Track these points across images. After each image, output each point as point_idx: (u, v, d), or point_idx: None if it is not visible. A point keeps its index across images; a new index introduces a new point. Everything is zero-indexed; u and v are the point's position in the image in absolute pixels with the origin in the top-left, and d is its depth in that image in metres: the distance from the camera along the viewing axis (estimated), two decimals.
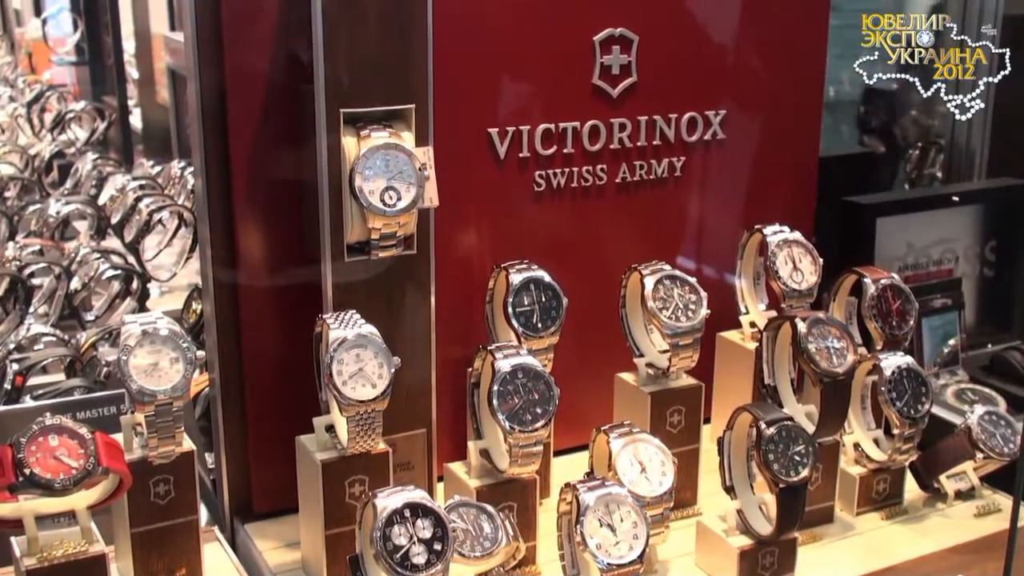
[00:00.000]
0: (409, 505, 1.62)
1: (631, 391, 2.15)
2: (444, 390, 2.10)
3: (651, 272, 2.11)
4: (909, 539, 2.13)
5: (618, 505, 1.80)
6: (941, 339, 2.79)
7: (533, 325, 2.03)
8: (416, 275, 1.98)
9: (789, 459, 1.90)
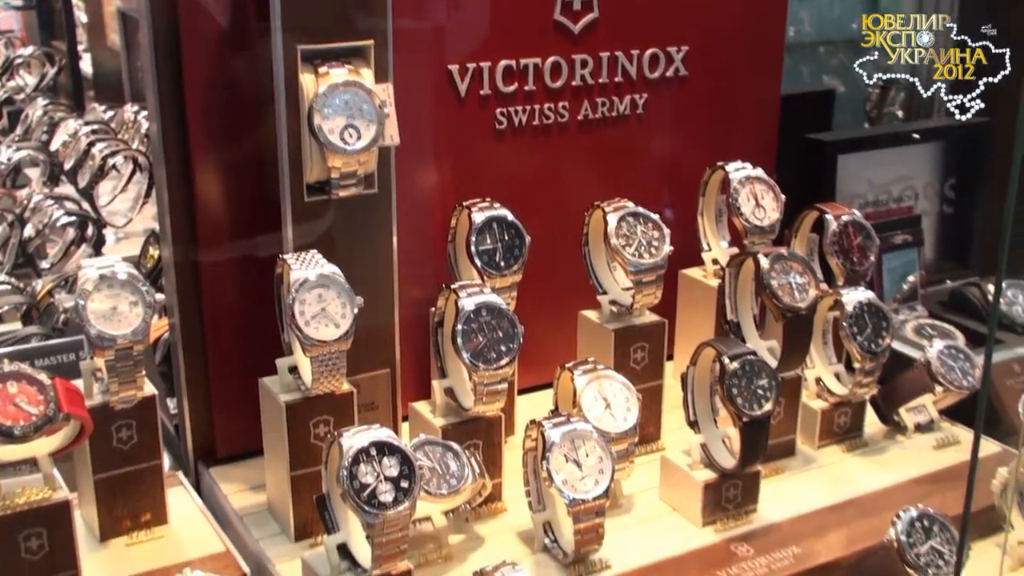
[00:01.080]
0: (375, 444, 1.62)
1: (595, 328, 2.16)
2: (408, 330, 2.10)
3: (614, 209, 2.12)
4: (870, 471, 2.17)
5: (583, 441, 1.81)
6: (901, 275, 2.82)
7: (496, 264, 2.03)
8: (377, 214, 1.97)
9: (752, 393, 1.92)
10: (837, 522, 1.99)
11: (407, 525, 1.63)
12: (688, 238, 2.35)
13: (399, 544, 1.64)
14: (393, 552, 1.64)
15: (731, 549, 1.91)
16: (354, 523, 1.68)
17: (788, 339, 2.08)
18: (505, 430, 2.00)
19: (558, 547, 1.85)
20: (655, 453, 2.14)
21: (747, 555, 1.89)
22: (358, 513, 1.60)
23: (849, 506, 2.05)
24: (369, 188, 1.91)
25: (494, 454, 1.97)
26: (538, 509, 1.88)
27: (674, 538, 1.94)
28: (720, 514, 1.97)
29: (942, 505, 1.87)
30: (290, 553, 1.87)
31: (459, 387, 1.96)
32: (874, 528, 1.92)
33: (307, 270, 1.80)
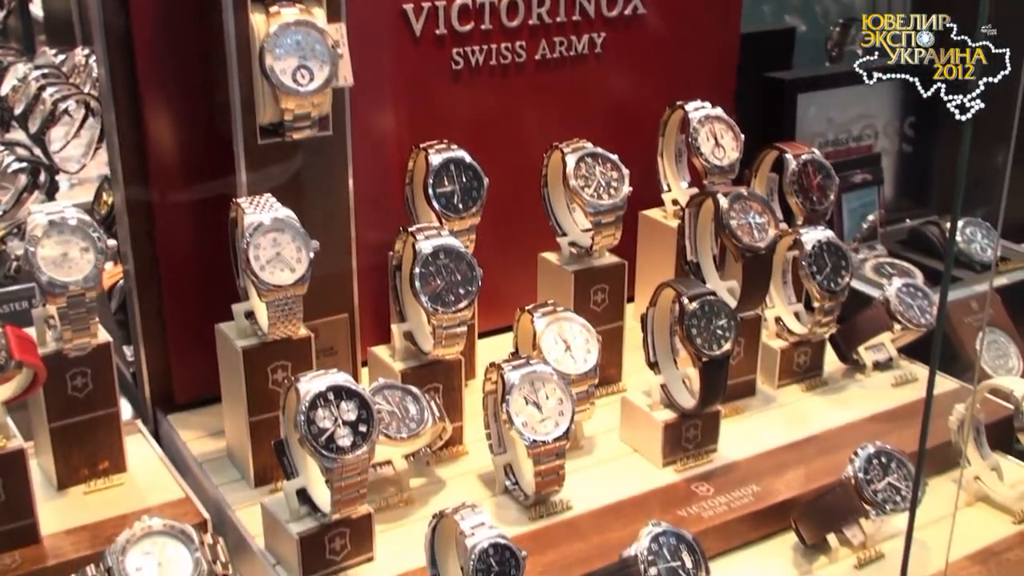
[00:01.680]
0: (332, 388, 1.61)
1: (554, 270, 2.15)
2: (365, 274, 2.09)
3: (572, 150, 2.11)
4: (829, 410, 2.18)
5: (543, 383, 1.81)
6: (860, 215, 2.83)
7: (454, 206, 2.02)
8: (333, 157, 1.95)
9: (712, 333, 1.92)
10: (796, 460, 2.01)
11: (366, 469, 1.63)
12: (648, 179, 2.34)
13: (358, 488, 1.64)
14: (352, 496, 1.64)
15: (691, 488, 1.92)
16: (313, 468, 1.68)
17: (747, 279, 2.08)
18: (465, 373, 2.00)
19: (519, 489, 1.86)
20: (616, 395, 2.15)
21: (707, 494, 1.91)
22: (316, 458, 1.59)
23: (808, 444, 2.06)
24: (323, 130, 1.89)
25: (454, 397, 1.98)
26: (499, 452, 1.88)
27: (635, 479, 1.95)
28: (680, 454, 1.98)
29: (900, 442, 1.89)
30: (250, 499, 1.87)
31: (418, 331, 1.95)
32: (833, 465, 1.93)
33: (261, 214, 1.78)
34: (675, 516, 1.84)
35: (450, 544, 1.58)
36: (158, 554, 1.56)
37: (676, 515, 1.85)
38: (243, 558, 1.79)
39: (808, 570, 1.82)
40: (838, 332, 2.28)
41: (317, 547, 1.67)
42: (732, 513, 1.87)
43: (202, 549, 1.57)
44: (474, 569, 1.49)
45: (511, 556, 1.52)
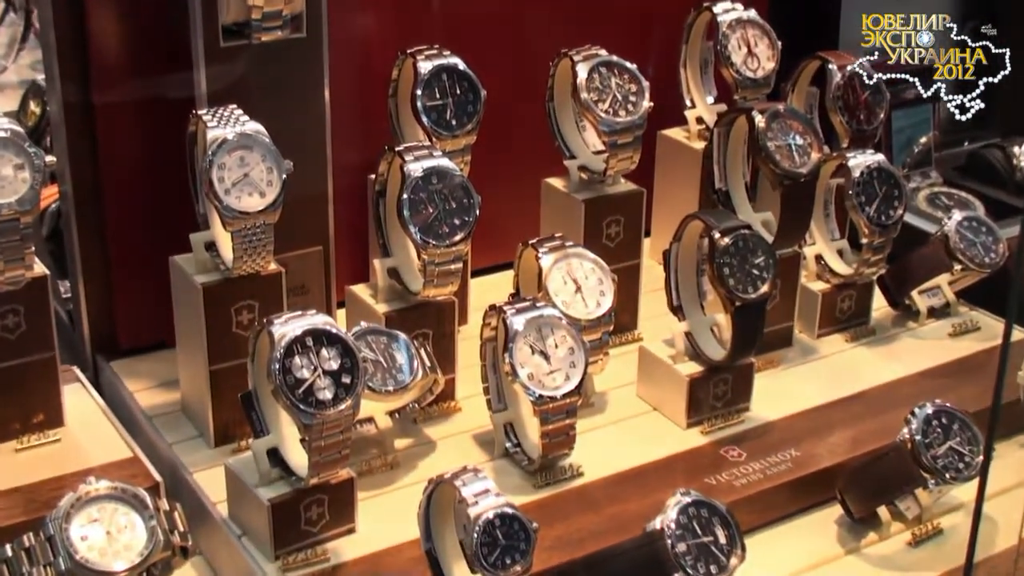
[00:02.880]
0: (312, 332, 1.61)
1: (561, 199, 2.15)
2: (343, 200, 2.08)
3: (584, 58, 2.09)
4: (877, 363, 2.20)
5: (552, 329, 1.82)
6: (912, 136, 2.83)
7: (446, 122, 2.01)
8: (306, 63, 1.94)
9: (746, 273, 1.93)
10: (841, 421, 2.02)
11: (350, 427, 1.63)
12: (669, 93, 2.33)
13: (340, 448, 1.64)
14: (333, 458, 1.65)
15: (721, 453, 1.94)
16: (287, 425, 1.68)
17: (786, 210, 2.09)
18: (458, 318, 2.01)
19: (522, 452, 1.87)
20: (632, 344, 2.16)
21: (739, 459, 1.92)
22: (292, 412, 1.59)
23: (855, 402, 2.08)
24: (296, 32, 1.88)
25: (446, 345, 1.98)
26: (498, 408, 1.89)
27: (655, 441, 1.96)
28: (707, 413, 1.99)
29: (959, 401, 1.90)
30: (210, 459, 1.87)
31: (405, 267, 1.95)
32: (884, 427, 1.95)
33: (226, 128, 1.77)
34: (702, 484, 1.86)
35: (447, 514, 1.58)
36: (106, 521, 1.56)
37: (703, 483, 1.86)
38: (202, 528, 1.79)
39: (855, 547, 1.84)
40: (888, 273, 2.29)
41: (291, 516, 1.68)
42: (768, 482, 1.88)
43: (157, 516, 1.58)
44: (478, 543, 1.50)
45: (520, 528, 1.53)
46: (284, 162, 1.79)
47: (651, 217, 2.39)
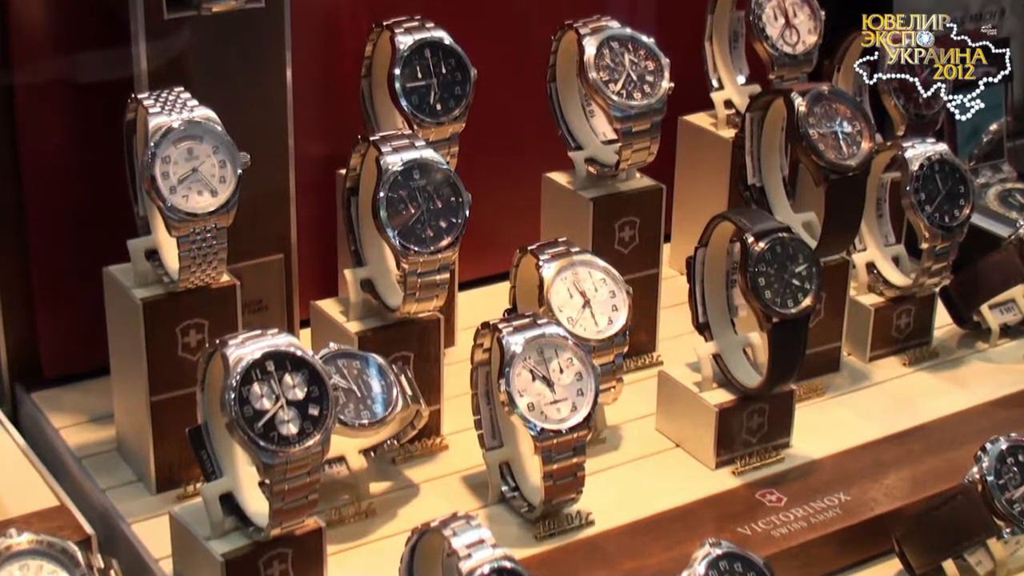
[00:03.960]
0: (273, 355, 1.61)
1: (566, 197, 2.16)
2: (307, 200, 2.09)
3: (592, 31, 2.10)
4: (940, 390, 2.21)
5: (556, 351, 1.82)
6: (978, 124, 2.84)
7: (430, 106, 2.02)
8: (265, 38, 1.95)
9: (785, 284, 1.93)
10: (898, 459, 2.03)
11: (318, 467, 1.64)
12: (692, 71, 2.35)
13: (306, 493, 1.64)
14: (299, 504, 1.65)
15: (757, 498, 1.95)
16: (244, 465, 1.68)
17: (832, 210, 2.09)
18: (444, 338, 2.01)
19: (521, 497, 1.87)
20: (650, 368, 2.17)
21: (778, 505, 1.93)
22: (251, 450, 1.60)
23: (914, 437, 2.09)
24: (253, 1, 1.89)
25: (431, 370, 1.98)
26: (493, 445, 1.89)
27: (678, 484, 1.97)
28: (740, 450, 2.00)
29: None
30: (151, 507, 1.88)
31: (381, 279, 1.96)
32: (949, 466, 1.96)
33: (171, 114, 1.77)
34: (735, 534, 1.86)
35: (434, 569, 1.59)
36: None
37: (736, 533, 1.87)
38: None
39: None
40: (953, 284, 2.30)
41: (248, 574, 1.68)
42: (813, 531, 1.89)
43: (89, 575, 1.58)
44: None
45: None
46: (239, 155, 1.79)
47: (671, 218, 2.41)
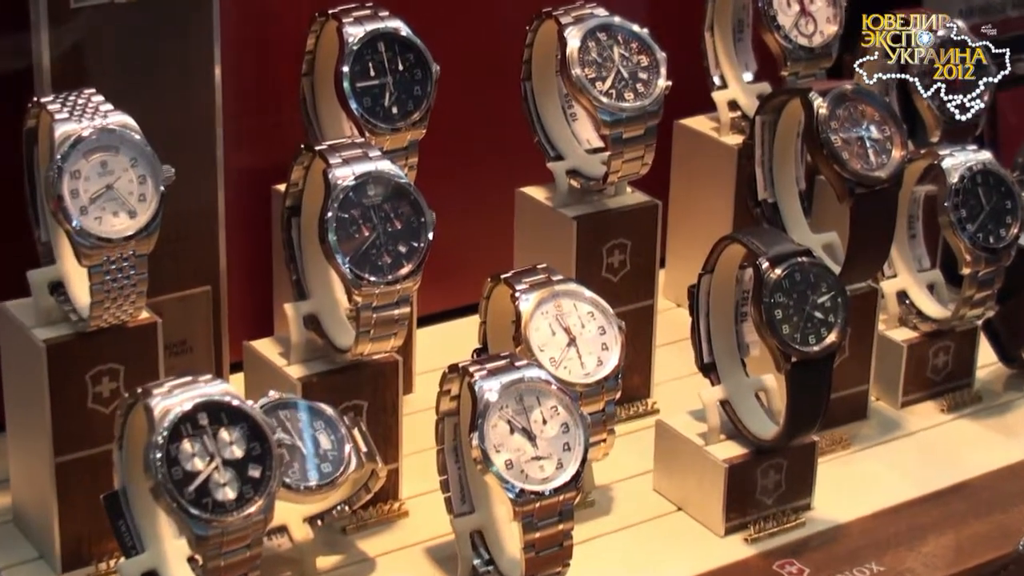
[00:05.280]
0: (207, 407, 1.61)
1: (544, 216, 2.17)
2: (239, 220, 2.10)
3: (575, 20, 2.11)
4: (985, 441, 2.23)
5: (537, 398, 1.82)
6: None
7: (385, 110, 2.02)
8: (190, 30, 1.96)
9: (806, 318, 1.94)
10: (939, 522, 2.05)
11: (260, 539, 1.64)
12: (690, 68, 2.36)
13: (246, 570, 1.64)
14: None
15: (774, 569, 1.96)
16: (170, 537, 1.68)
17: (859, 230, 2.11)
18: (403, 384, 2.02)
19: (496, 571, 1.87)
20: (646, 417, 2.19)
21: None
22: (180, 520, 1.59)
23: (956, 497, 2.10)
24: None
25: (388, 423, 1.99)
26: (462, 511, 1.89)
27: (681, 553, 1.98)
28: (754, 513, 2.01)
29: None
30: None
31: (329, 314, 1.96)
32: (998, 530, 1.98)
33: (81, 121, 1.77)
34: None
35: None
36: None
37: None
38: None
39: None
40: (998, 317, 2.32)
41: None
42: None
43: None
44: None
45: None
46: (162, 168, 1.80)
47: (668, 240, 2.42)
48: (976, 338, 2.32)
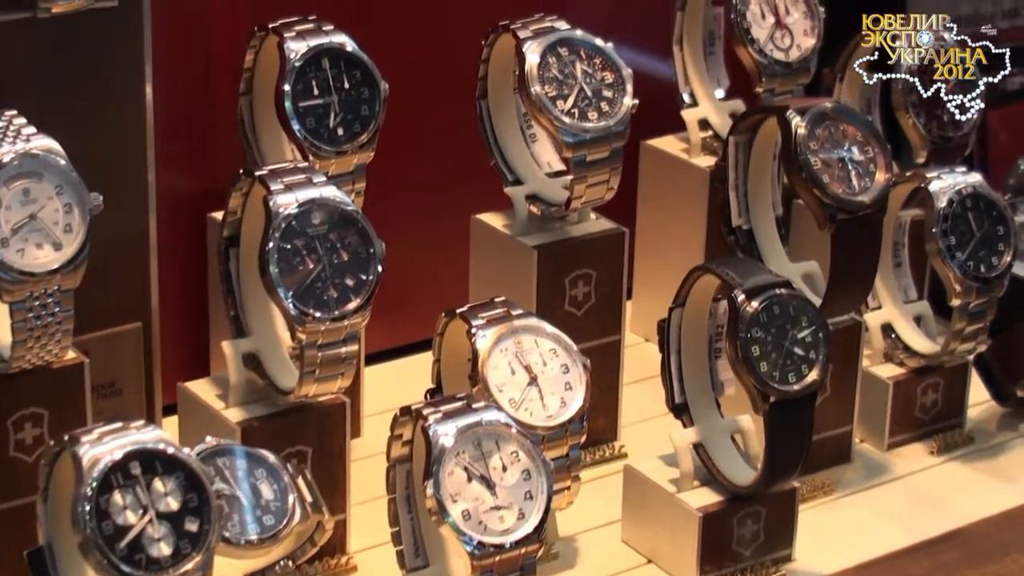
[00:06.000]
0: (139, 455, 1.60)
1: (502, 245, 2.17)
2: (172, 251, 2.10)
3: (535, 34, 2.11)
4: (977, 486, 2.23)
5: (497, 443, 1.82)
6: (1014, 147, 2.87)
7: (330, 132, 2.02)
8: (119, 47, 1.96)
9: (786, 354, 1.94)
10: (929, 573, 2.04)
11: None
12: (657, 85, 2.37)
13: None
14: None
15: None
16: None
17: (840, 259, 2.11)
18: (351, 428, 2.02)
19: None
20: (613, 462, 2.18)
21: None
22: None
23: (948, 546, 2.10)
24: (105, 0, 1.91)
25: (334, 470, 1.98)
26: (416, 565, 1.89)
27: None
28: (731, 565, 2.01)
29: None
30: None
31: (270, 353, 1.96)
32: None
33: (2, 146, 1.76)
34: None
35: None
36: None
37: None
38: None
39: None
40: (991, 351, 2.33)
41: None
42: None
43: None
44: None
45: None
46: (89, 196, 1.79)
47: (635, 270, 2.42)
48: (967, 374, 2.33)
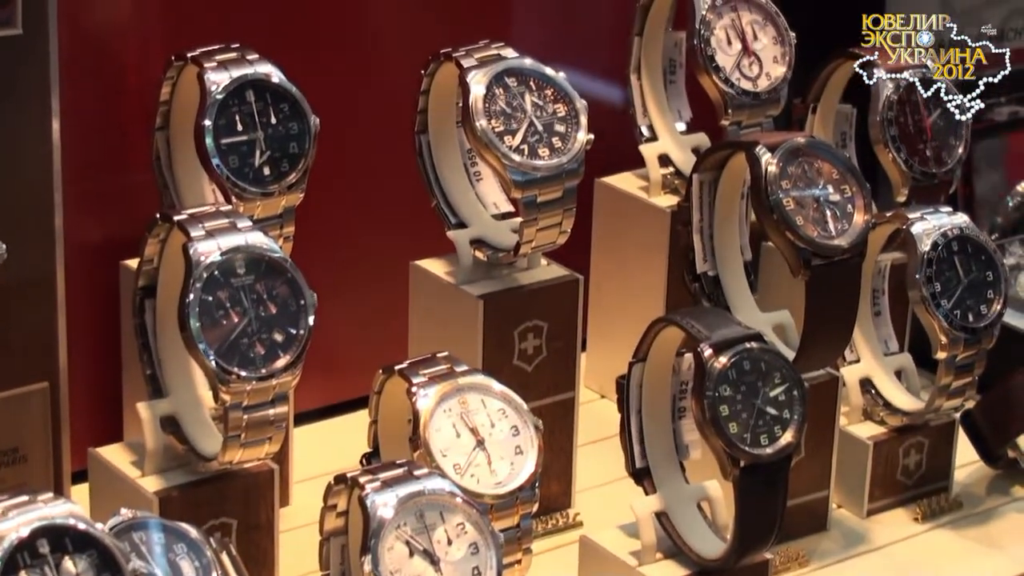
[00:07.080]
0: (48, 532, 1.60)
1: (444, 294, 2.18)
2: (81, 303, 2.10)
3: (480, 62, 2.12)
4: (966, 554, 2.24)
5: (441, 514, 1.82)
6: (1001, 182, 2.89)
7: (255, 171, 2.03)
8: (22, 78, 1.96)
9: (757, 414, 1.95)
10: None
11: None
12: (612, 118, 2.38)
13: None
14: None
15: None
16: None
17: (816, 309, 2.12)
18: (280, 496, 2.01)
19: None
20: (566, 532, 2.19)
21: None
22: None
23: None
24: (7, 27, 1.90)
25: (262, 544, 1.99)
26: None
27: None
28: None
29: None
30: None
31: (190, 415, 1.96)
32: None
33: None
34: None
35: None
36: None
37: None
38: None
39: None
40: (979, 409, 2.34)
41: None
42: None
43: None
44: None
45: None
46: None
47: (590, 321, 2.43)
48: (954, 434, 2.34)
